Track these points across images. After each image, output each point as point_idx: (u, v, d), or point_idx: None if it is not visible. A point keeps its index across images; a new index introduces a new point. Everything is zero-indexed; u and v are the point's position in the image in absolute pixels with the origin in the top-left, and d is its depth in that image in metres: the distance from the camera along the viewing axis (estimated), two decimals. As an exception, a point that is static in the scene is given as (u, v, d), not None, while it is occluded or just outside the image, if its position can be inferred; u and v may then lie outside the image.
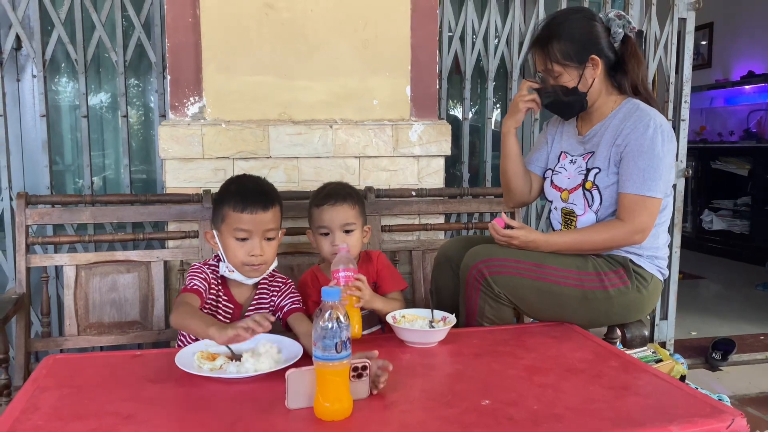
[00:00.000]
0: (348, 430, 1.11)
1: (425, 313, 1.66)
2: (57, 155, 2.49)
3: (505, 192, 2.01)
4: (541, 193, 1.99)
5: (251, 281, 1.65)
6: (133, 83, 2.55)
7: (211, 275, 1.65)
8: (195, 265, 1.67)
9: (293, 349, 1.41)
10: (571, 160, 1.86)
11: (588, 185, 1.77)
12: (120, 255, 2.06)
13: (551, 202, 1.92)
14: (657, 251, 1.78)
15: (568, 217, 1.84)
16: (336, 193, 1.76)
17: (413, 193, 2.30)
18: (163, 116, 2.39)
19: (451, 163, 2.73)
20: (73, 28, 2.31)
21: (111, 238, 2.12)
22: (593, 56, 1.73)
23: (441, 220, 2.41)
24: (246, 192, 1.62)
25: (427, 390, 1.29)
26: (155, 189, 2.53)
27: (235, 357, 1.39)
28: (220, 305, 1.66)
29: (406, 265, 2.29)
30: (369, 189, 2.22)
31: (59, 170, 2.51)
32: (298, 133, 2.23)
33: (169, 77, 2.17)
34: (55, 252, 2.25)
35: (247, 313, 1.68)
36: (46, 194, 2.28)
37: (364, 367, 1.20)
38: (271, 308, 1.71)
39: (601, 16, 1.78)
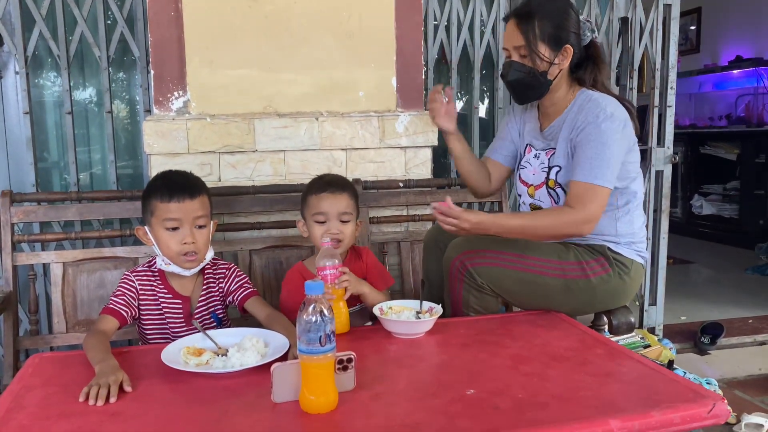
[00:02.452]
0: (334, 422, 1.11)
1: (413, 304, 1.66)
2: (42, 152, 2.47)
3: (468, 188, 2.03)
4: (504, 183, 2.00)
5: (189, 272, 1.66)
6: (118, 78, 2.53)
7: (144, 280, 1.67)
8: (123, 275, 1.69)
9: (279, 343, 1.42)
10: (536, 155, 1.86)
11: (551, 183, 1.78)
12: (107, 251, 2.06)
13: (520, 195, 1.92)
14: (634, 236, 1.79)
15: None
16: (336, 182, 1.77)
17: (401, 185, 2.30)
18: (148, 111, 2.38)
19: (441, 153, 2.73)
20: (55, 24, 2.29)
21: (98, 234, 2.12)
22: (568, 46, 1.72)
23: (429, 211, 2.40)
24: (172, 183, 1.65)
25: (413, 381, 1.30)
26: (142, 184, 2.50)
27: (222, 352, 1.40)
28: (164, 304, 1.68)
29: (394, 257, 2.29)
30: (356, 181, 2.22)
31: (45, 167, 2.49)
32: (284, 126, 2.22)
33: (152, 72, 2.16)
34: (42, 250, 2.24)
35: (198, 304, 1.69)
36: (31, 192, 2.27)
37: (350, 360, 1.20)
38: (221, 295, 1.73)
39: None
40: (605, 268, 1.73)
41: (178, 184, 1.64)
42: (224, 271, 1.75)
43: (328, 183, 1.76)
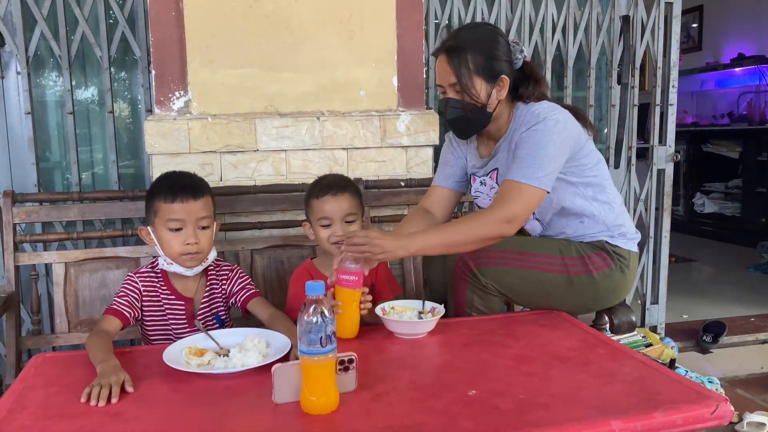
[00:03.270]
0: (334, 423, 1.11)
1: (415, 304, 1.66)
2: (44, 152, 2.48)
3: None
4: (454, 209, 1.95)
5: (191, 272, 1.66)
6: (119, 78, 2.53)
7: (147, 281, 1.67)
8: (127, 276, 1.69)
9: (281, 343, 1.42)
10: (482, 182, 1.85)
11: None
12: (109, 251, 2.06)
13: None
14: (621, 224, 1.78)
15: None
16: (336, 183, 1.75)
17: (402, 184, 2.30)
18: (150, 111, 2.38)
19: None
20: (56, 24, 2.29)
21: (100, 234, 2.12)
22: (503, 76, 1.69)
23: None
24: (175, 184, 1.65)
25: (414, 381, 1.30)
26: (143, 184, 2.52)
27: (223, 352, 1.40)
28: (167, 305, 1.68)
29: (396, 256, 2.29)
30: (357, 180, 2.21)
31: (47, 167, 2.49)
32: (285, 125, 2.22)
33: (153, 72, 2.16)
34: (44, 250, 2.24)
35: (201, 305, 1.69)
36: (33, 192, 2.27)
37: (351, 360, 1.20)
38: (224, 296, 1.73)
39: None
40: (607, 263, 1.73)
41: (182, 185, 1.64)
42: (227, 272, 1.75)
43: (329, 185, 1.74)
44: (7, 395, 1.24)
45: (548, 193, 1.63)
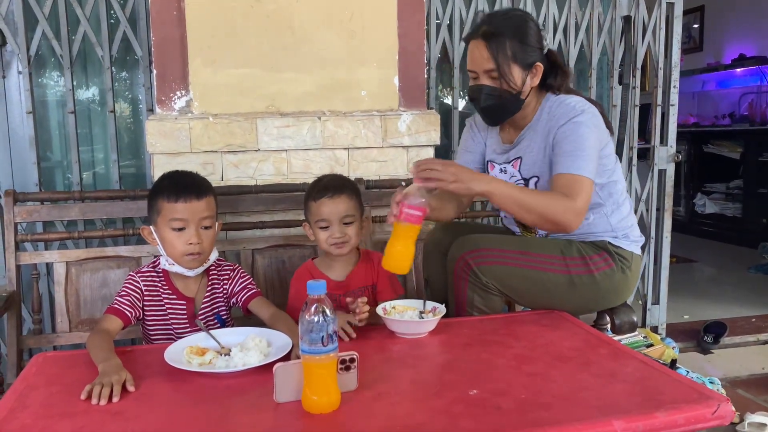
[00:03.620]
0: (336, 422, 1.11)
1: (416, 303, 1.66)
2: (45, 152, 2.48)
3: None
4: (473, 199, 1.95)
5: (193, 272, 1.66)
6: (120, 78, 2.53)
7: (148, 281, 1.67)
8: (128, 276, 1.69)
9: (282, 342, 1.42)
10: (501, 169, 1.84)
11: None
12: (110, 251, 2.06)
13: (498, 210, 1.90)
14: (626, 226, 1.78)
15: (522, 223, 1.84)
16: (333, 185, 1.74)
17: (403, 183, 2.30)
18: (151, 111, 2.38)
19: (443, 152, 2.73)
20: (58, 24, 2.29)
21: (101, 234, 2.12)
22: (538, 63, 1.70)
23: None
24: (178, 183, 1.64)
25: (415, 381, 1.30)
26: (145, 184, 2.52)
27: (224, 351, 1.40)
28: (168, 305, 1.68)
29: (397, 256, 2.28)
30: (359, 180, 2.21)
31: (48, 167, 2.50)
32: (286, 125, 2.22)
33: (155, 71, 2.16)
34: (45, 249, 2.25)
35: (202, 305, 1.69)
36: (34, 191, 2.27)
37: (352, 360, 1.20)
38: (225, 295, 1.73)
39: None
40: (608, 263, 1.73)
41: (185, 185, 1.64)
42: (228, 272, 1.75)
43: (326, 187, 1.73)
44: (9, 394, 1.24)
45: None
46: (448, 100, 2.81)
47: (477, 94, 1.72)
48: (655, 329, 3.05)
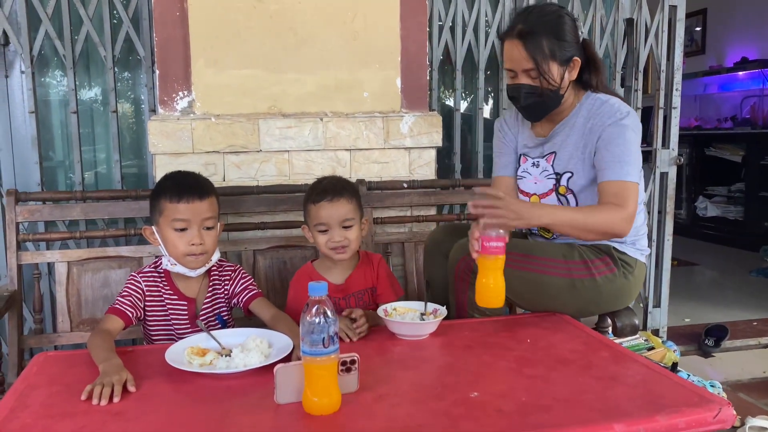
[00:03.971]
0: (336, 424, 1.11)
1: (417, 305, 1.66)
2: (47, 151, 2.48)
3: None
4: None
5: (195, 273, 1.66)
6: (123, 78, 2.53)
7: (150, 281, 1.68)
8: (130, 276, 1.69)
9: (283, 343, 1.42)
10: (534, 163, 1.83)
11: (562, 190, 1.76)
12: (111, 251, 2.06)
13: None
14: (637, 235, 1.78)
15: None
16: (332, 188, 1.72)
17: (405, 185, 2.30)
18: (153, 111, 2.38)
19: (445, 154, 2.73)
20: (61, 24, 2.29)
21: (102, 234, 2.12)
22: (575, 58, 1.70)
23: (433, 211, 2.41)
24: (181, 184, 1.65)
25: (416, 383, 1.30)
26: (146, 184, 2.52)
27: (225, 352, 1.40)
28: (169, 306, 1.68)
29: (398, 257, 2.29)
30: (360, 181, 2.22)
31: (50, 166, 2.50)
32: (288, 126, 2.22)
33: (157, 72, 2.16)
34: (47, 248, 2.25)
35: (203, 306, 1.69)
36: (36, 191, 2.27)
37: (353, 361, 1.20)
38: (226, 296, 1.74)
39: None
40: (610, 268, 1.73)
41: (188, 185, 1.64)
42: (230, 273, 1.75)
43: (324, 191, 1.72)
44: (9, 394, 1.24)
45: None
46: (450, 102, 2.81)
47: (517, 92, 1.73)
48: (656, 332, 3.04)
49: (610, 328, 1.93)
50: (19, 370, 1.92)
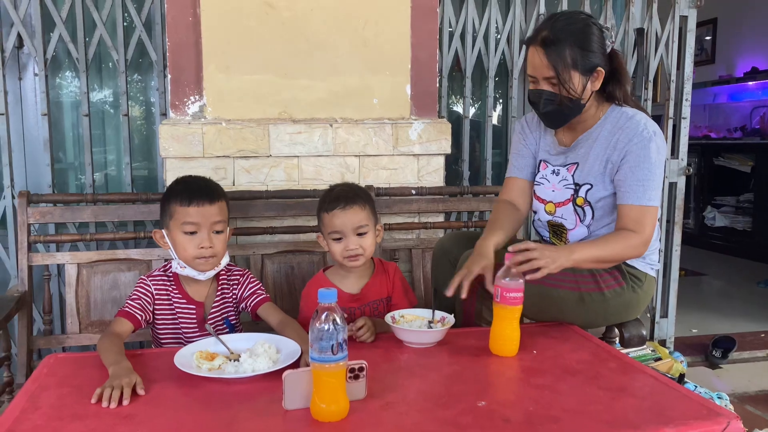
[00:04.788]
0: (344, 431, 1.12)
1: (425, 313, 1.66)
2: (59, 153, 2.50)
3: None
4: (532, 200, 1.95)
5: (204, 276, 1.67)
6: (135, 82, 2.55)
7: (159, 284, 1.69)
8: (140, 279, 1.70)
9: (291, 349, 1.42)
10: (554, 171, 1.83)
11: (579, 201, 1.76)
12: (121, 253, 2.07)
13: (536, 212, 1.90)
14: (648, 250, 1.77)
15: (557, 229, 1.83)
16: (345, 195, 1.71)
17: (413, 192, 2.31)
18: (164, 115, 2.40)
19: (453, 161, 2.73)
20: (75, 27, 2.31)
21: (112, 236, 2.13)
22: (599, 69, 1.68)
23: (441, 218, 2.42)
24: (192, 188, 1.66)
25: (423, 391, 1.30)
26: (156, 187, 2.54)
27: (234, 357, 1.40)
28: (178, 309, 1.69)
29: (405, 264, 2.29)
30: (369, 188, 2.22)
31: (61, 168, 2.52)
32: (298, 131, 2.23)
33: (169, 76, 2.18)
34: (57, 250, 2.26)
35: (212, 310, 1.70)
36: (48, 193, 2.29)
37: (361, 368, 1.20)
38: (234, 301, 1.74)
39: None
40: (618, 281, 1.72)
41: (199, 189, 1.66)
42: (238, 277, 1.76)
43: (337, 198, 1.70)
44: (21, 394, 1.25)
45: None
46: (459, 109, 2.82)
47: (537, 98, 1.72)
48: (663, 343, 3.03)
49: (618, 339, 1.92)
50: (28, 370, 1.93)
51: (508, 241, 1.78)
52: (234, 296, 1.74)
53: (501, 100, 2.94)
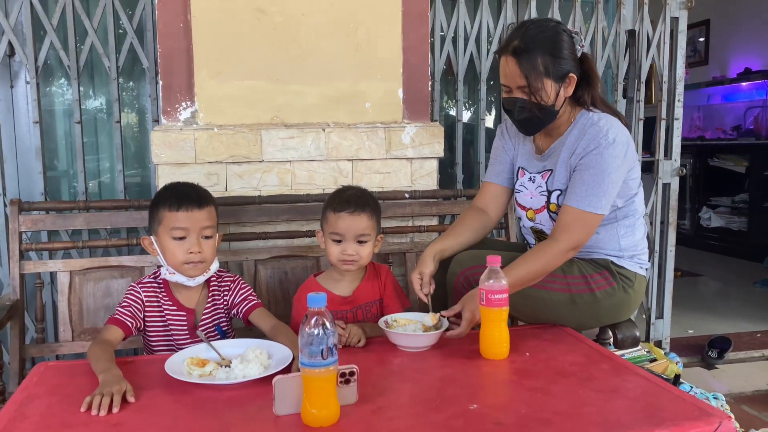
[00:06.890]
0: (335, 436, 1.11)
1: (418, 316, 1.66)
2: (51, 161, 2.49)
3: None
4: (506, 206, 1.97)
5: (194, 282, 1.66)
6: (126, 88, 2.55)
7: (149, 291, 1.68)
8: (130, 286, 1.70)
9: (282, 354, 1.42)
10: (530, 178, 1.83)
11: (552, 207, 1.76)
12: (114, 260, 2.07)
13: (520, 219, 1.91)
14: (636, 249, 1.78)
15: (540, 234, 1.84)
16: (356, 200, 1.70)
17: (406, 195, 2.30)
18: (157, 121, 2.40)
19: (448, 164, 2.73)
20: (66, 34, 2.31)
21: (105, 243, 2.13)
22: (571, 75, 1.68)
23: (435, 221, 2.42)
24: (180, 193, 1.66)
25: (415, 395, 1.30)
26: (149, 194, 2.53)
27: (225, 363, 1.40)
28: (169, 316, 1.68)
29: (399, 268, 2.29)
30: (362, 192, 2.22)
31: (54, 176, 2.51)
32: (290, 136, 2.23)
33: (161, 82, 2.18)
34: (50, 258, 2.25)
35: (203, 316, 1.69)
36: (40, 200, 2.29)
37: (352, 373, 1.20)
38: (225, 307, 1.74)
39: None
40: (609, 282, 1.72)
41: (187, 194, 1.66)
42: (229, 283, 1.75)
43: (347, 201, 1.69)
44: (9, 405, 1.24)
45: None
46: (452, 112, 2.82)
47: (511, 106, 1.73)
48: (658, 344, 3.03)
49: (612, 340, 1.92)
50: (21, 379, 1.92)
51: (472, 245, 1.84)
52: (225, 303, 1.74)
53: (494, 104, 2.95)
